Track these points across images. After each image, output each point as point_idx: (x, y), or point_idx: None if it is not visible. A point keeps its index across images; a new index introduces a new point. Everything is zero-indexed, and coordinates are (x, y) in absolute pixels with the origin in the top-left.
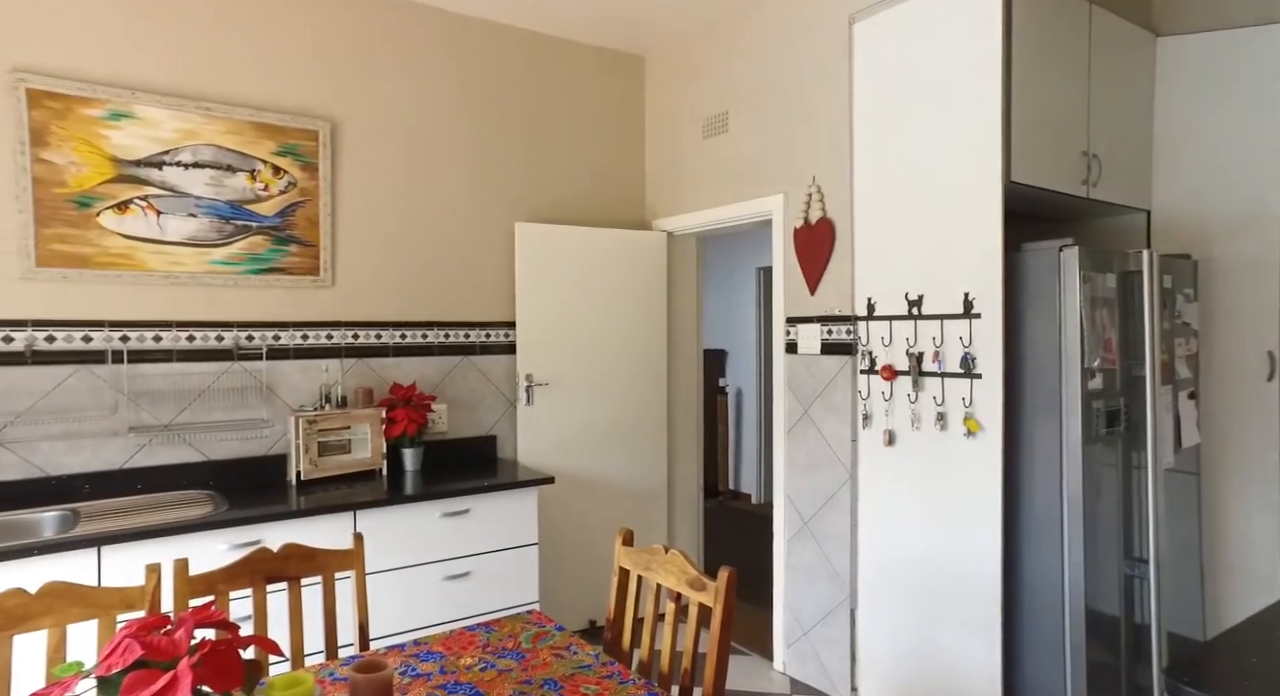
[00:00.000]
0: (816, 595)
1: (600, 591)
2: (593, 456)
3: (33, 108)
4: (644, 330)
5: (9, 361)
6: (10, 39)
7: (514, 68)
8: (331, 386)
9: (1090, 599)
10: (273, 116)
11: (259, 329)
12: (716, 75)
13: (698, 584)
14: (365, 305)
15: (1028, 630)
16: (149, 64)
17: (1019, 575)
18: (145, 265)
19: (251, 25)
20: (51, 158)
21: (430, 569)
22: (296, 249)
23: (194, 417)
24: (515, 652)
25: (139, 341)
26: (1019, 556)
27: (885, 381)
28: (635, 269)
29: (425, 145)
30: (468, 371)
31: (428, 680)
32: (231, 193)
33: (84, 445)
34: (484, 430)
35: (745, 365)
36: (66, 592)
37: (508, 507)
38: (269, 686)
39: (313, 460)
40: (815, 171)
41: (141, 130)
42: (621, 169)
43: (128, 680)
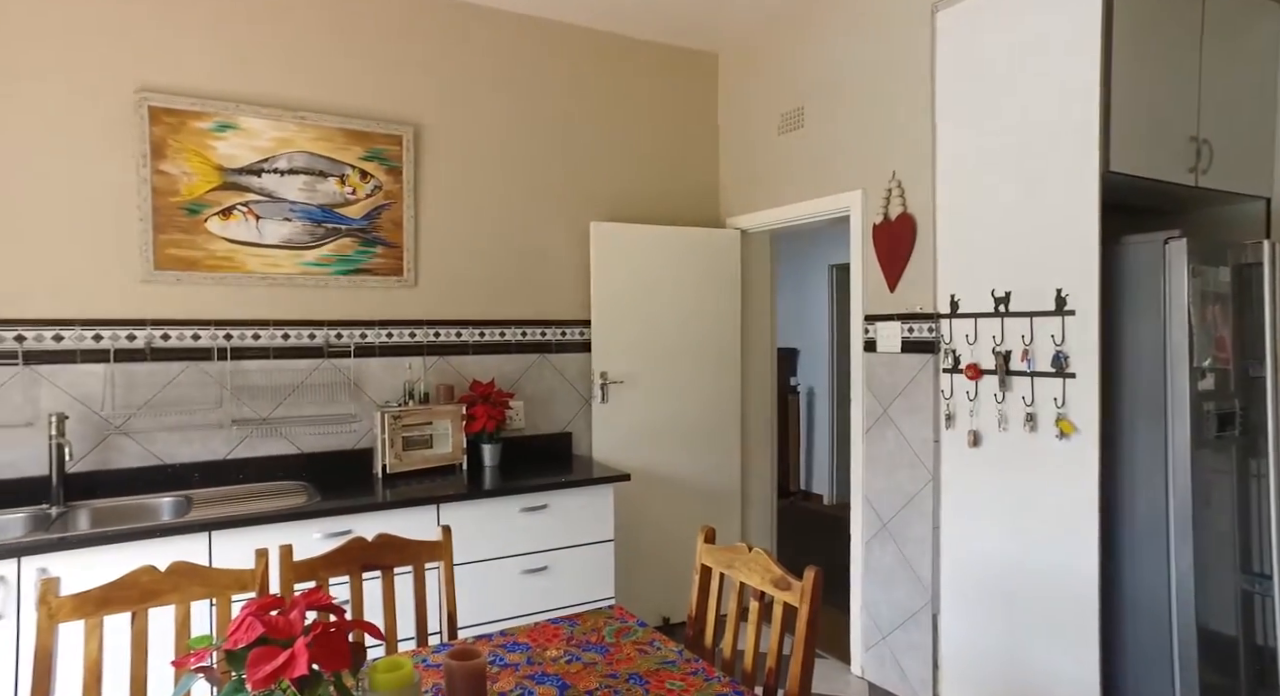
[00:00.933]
0: (896, 598)
1: (674, 588)
2: (667, 454)
3: (153, 124)
4: (718, 328)
5: (132, 358)
6: (136, 62)
7: (588, 69)
8: (414, 383)
9: (1202, 615)
10: (360, 123)
11: (347, 327)
12: (791, 71)
13: (782, 583)
14: (446, 304)
15: (1130, 645)
16: (251, 77)
17: (1118, 586)
18: (246, 267)
19: (341, 36)
20: (168, 168)
21: (509, 562)
22: (382, 250)
23: (289, 412)
24: (599, 646)
25: (240, 339)
26: (1119, 566)
27: (970, 380)
28: (709, 267)
29: (503, 147)
30: (544, 369)
31: (515, 670)
32: (323, 197)
33: (194, 436)
34: (560, 427)
35: (817, 364)
36: (190, 572)
37: (584, 504)
38: (371, 669)
39: (398, 454)
40: (895, 166)
41: (244, 140)
42: (695, 167)
43: (251, 655)
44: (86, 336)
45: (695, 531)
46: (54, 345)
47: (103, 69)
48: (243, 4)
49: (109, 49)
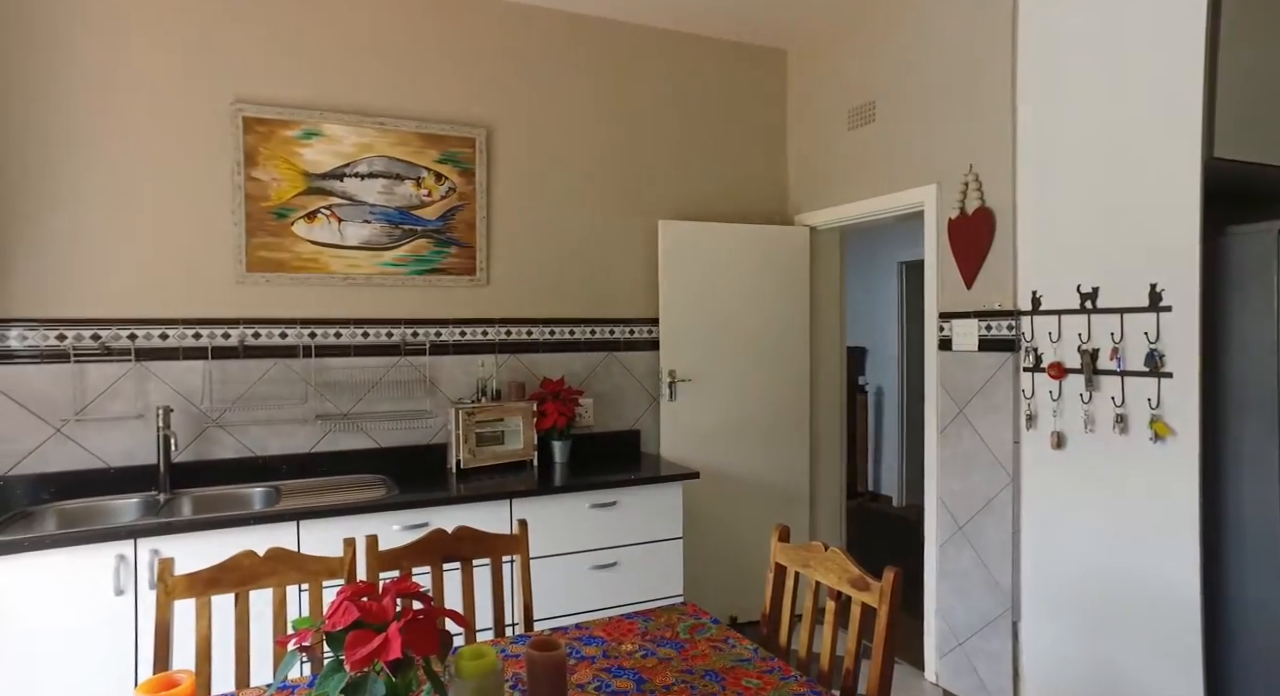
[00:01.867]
0: (973, 604)
1: (741, 588)
2: (734, 453)
3: (247, 133)
4: (786, 327)
5: (226, 355)
6: (232, 75)
7: (656, 67)
8: (487, 380)
9: None
10: (435, 126)
11: (422, 325)
12: (862, 64)
13: (860, 583)
14: (517, 302)
15: (1239, 664)
16: (334, 86)
17: (1225, 600)
18: (328, 268)
19: (418, 43)
20: (259, 175)
21: (579, 557)
22: (456, 250)
23: (368, 408)
24: (673, 642)
25: (323, 337)
26: (1224, 579)
27: (1053, 380)
28: (777, 265)
29: (572, 147)
30: (612, 367)
31: (592, 663)
32: (400, 199)
33: (282, 430)
34: (628, 424)
35: (885, 363)
36: (286, 558)
37: (653, 501)
38: (457, 656)
39: (471, 450)
40: (972, 159)
41: (327, 146)
42: (763, 164)
43: (349, 637)
44: (188, 334)
45: (763, 531)
46: (160, 343)
47: (203, 83)
48: (327, 17)
49: (209, 64)
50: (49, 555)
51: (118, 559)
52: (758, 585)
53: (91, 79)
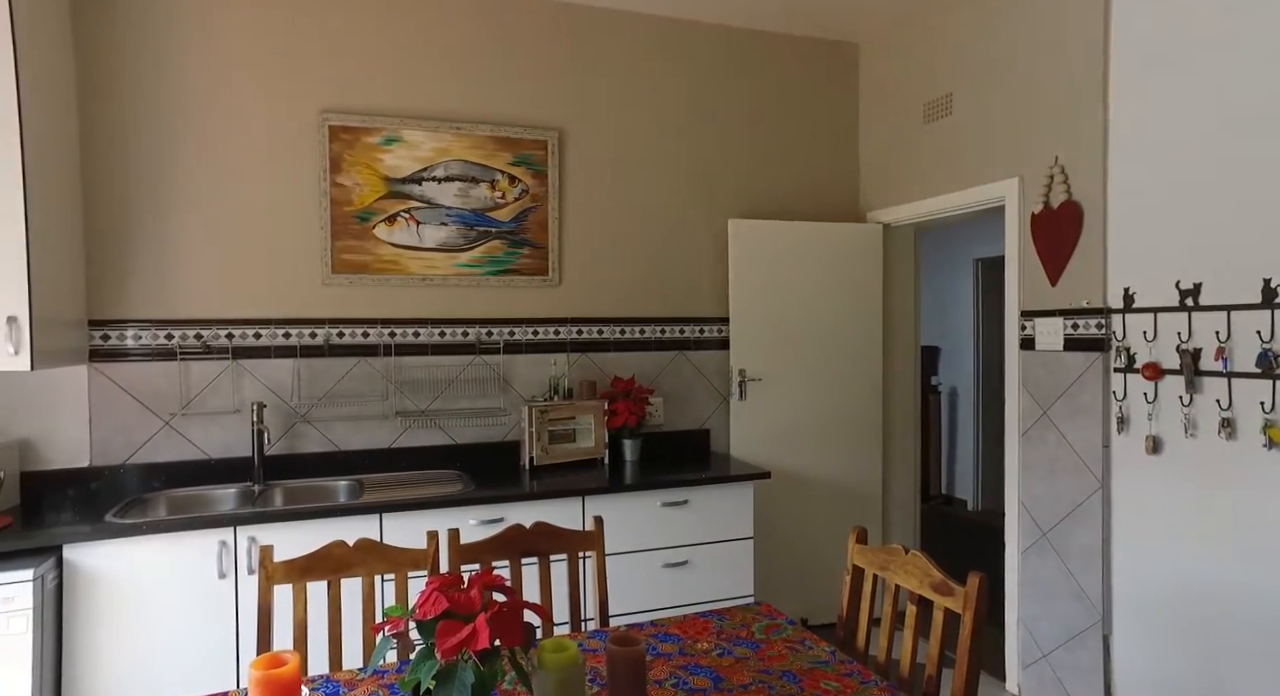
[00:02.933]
0: (1058, 615)
1: (812, 589)
2: (805, 453)
3: (332, 141)
4: (859, 326)
5: (313, 353)
6: (319, 86)
7: (725, 65)
8: (559, 379)
9: None
10: (509, 130)
11: (496, 325)
12: (938, 56)
13: (943, 588)
14: (588, 302)
15: None
16: (413, 93)
17: None
18: (407, 269)
19: (492, 48)
20: (343, 181)
21: (651, 555)
22: (529, 251)
23: (444, 405)
24: (749, 642)
25: (402, 337)
26: None
27: (1148, 381)
28: (849, 263)
29: (641, 147)
30: (682, 366)
31: (669, 660)
32: (475, 202)
33: (364, 425)
34: (698, 423)
35: (960, 363)
36: (374, 549)
37: (724, 500)
38: (540, 648)
39: (544, 447)
40: (1058, 150)
41: (406, 151)
42: (834, 161)
43: (439, 627)
44: (278, 334)
45: (834, 533)
46: (254, 342)
47: (293, 95)
48: (406, 27)
49: (299, 77)
50: (163, 538)
51: (220, 545)
52: (828, 587)
53: (194, 97)
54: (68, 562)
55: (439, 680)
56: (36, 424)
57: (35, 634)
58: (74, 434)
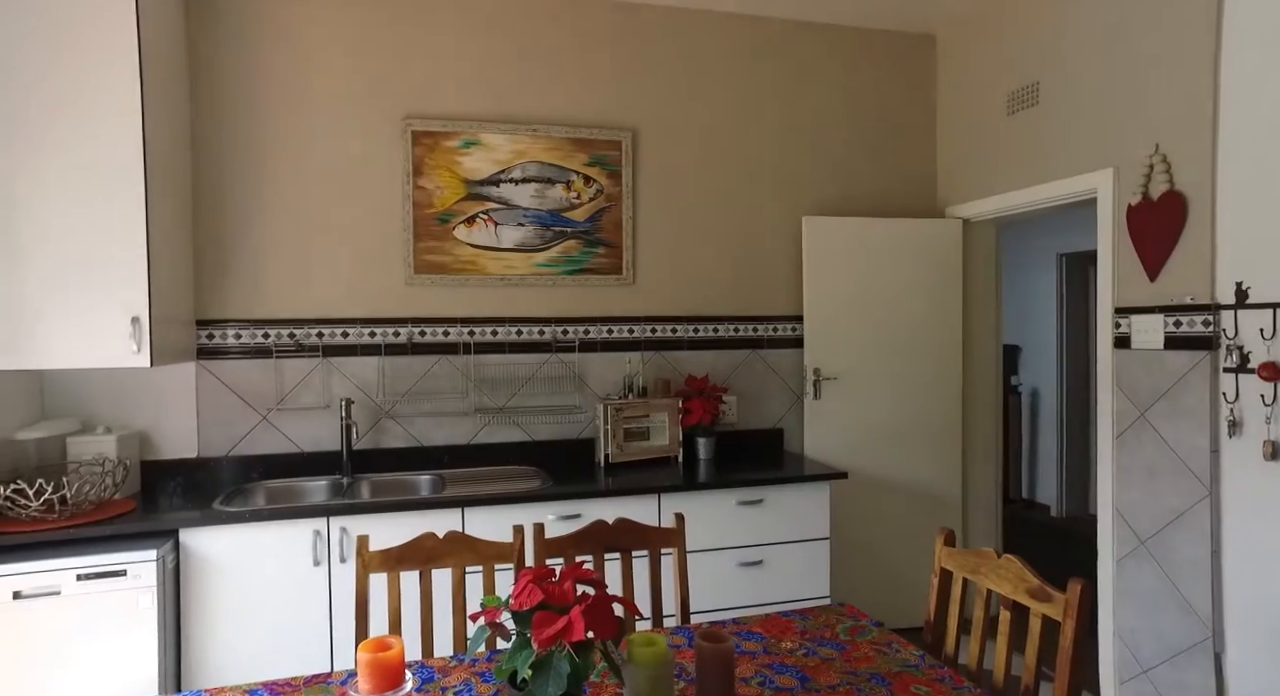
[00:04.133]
0: (1160, 629)
1: (890, 592)
2: (882, 454)
3: (414, 146)
4: (938, 324)
5: (397, 351)
6: (402, 93)
7: (799, 62)
8: (633, 377)
9: None
10: (584, 131)
11: (572, 324)
12: (1023, 44)
13: (1041, 594)
14: (662, 301)
15: None
16: (491, 97)
17: None
18: (486, 270)
19: (567, 51)
20: (424, 184)
21: (726, 554)
22: (603, 250)
23: (521, 402)
24: (834, 643)
25: (481, 335)
26: None
27: (1265, 382)
28: (927, 260)
29: (714, 145)
30: (755, 364)
31: (753, 658)
32: (551, 202)
33: (444, 422)
34: (771, 422)
35: (1041, 362)
36: (462, 541)
37: (800, 500)
38: (630, 642)
39: (619, 445)
40: (1158, 138)
41: (485, 154)
42: (911, 156)
43: (536, 617)
44: (364, 333)
45: (912, 536)
46: (342, 340)
47: (378, 102)
48: (484, 33)
49: (383, 84)
50: (263, 526)
51: (314, 534)
52: (905, 590)
53: (286, 106)
54: (183, 545)
55: (535, 669)
56: (152, 416)
57: (159, 607)
58: (183, 426)
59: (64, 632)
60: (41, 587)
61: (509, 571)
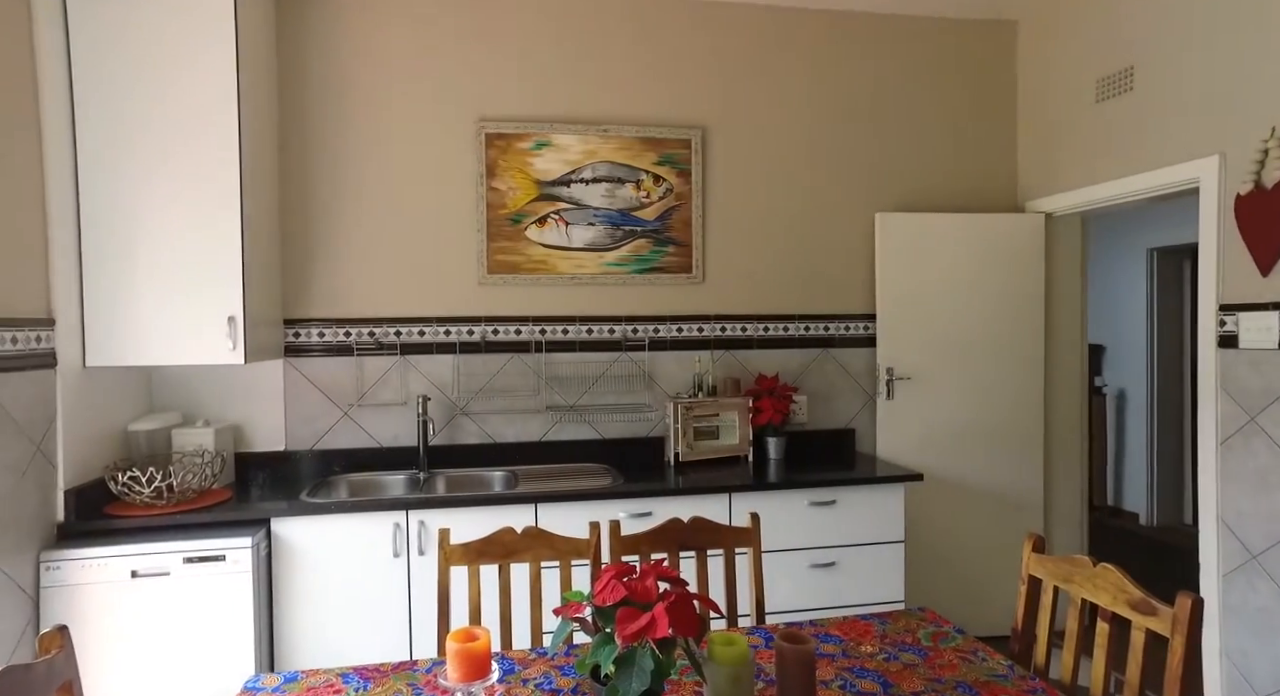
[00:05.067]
0: (1278, 653)
1: (967, 599)
2: (958, 456)
3: (488, 148)
4: (1018, 323)
5: (470, 350)
6: (477, 96)
7: (871, 55)
8: (702, 375)
9: None
10: (654, 130)
11: (642, 323)
12: (1115, 26)
13: (1144, 607)
14: (731, 299)
15: None
16: (562, 99)
17: None
18: (556, 269)
19: (637, 50)
20: (497, 185)
21: (798, 554)
22: (673, 249)
23: (591, 400)
24: (916, 648)
25: (552, 334)
26: None
27: None
28: (1006, 256)
29: (785, 142)
30: (826, 363)
31: (832, 661)
32: (621, 202)
33: (516, 419)
34: (842, 422)
35: (1129, 362)
36: (539, 536)
37: (874, 502)
38: (710, 641)
39: (689, 443)
40: (1275, 121)
41: (556, 155)
42: (990, 149)
43: (619, 613)
44: (440, 331)
45: (990, 541)
46: (418, 339)
47: (453, 106)
48: (554, 35)
49: (458, 88)
50: (347, 518)
51: (394, 526)
52: (983, 598)
53: (365, 110)
54: (275, 534)
55: (619, 665)
56: (244, 411)
57: (254, 590)
58: (272, 421)
59: (172, 610)
60: (154, 568)
61: (584, 567)
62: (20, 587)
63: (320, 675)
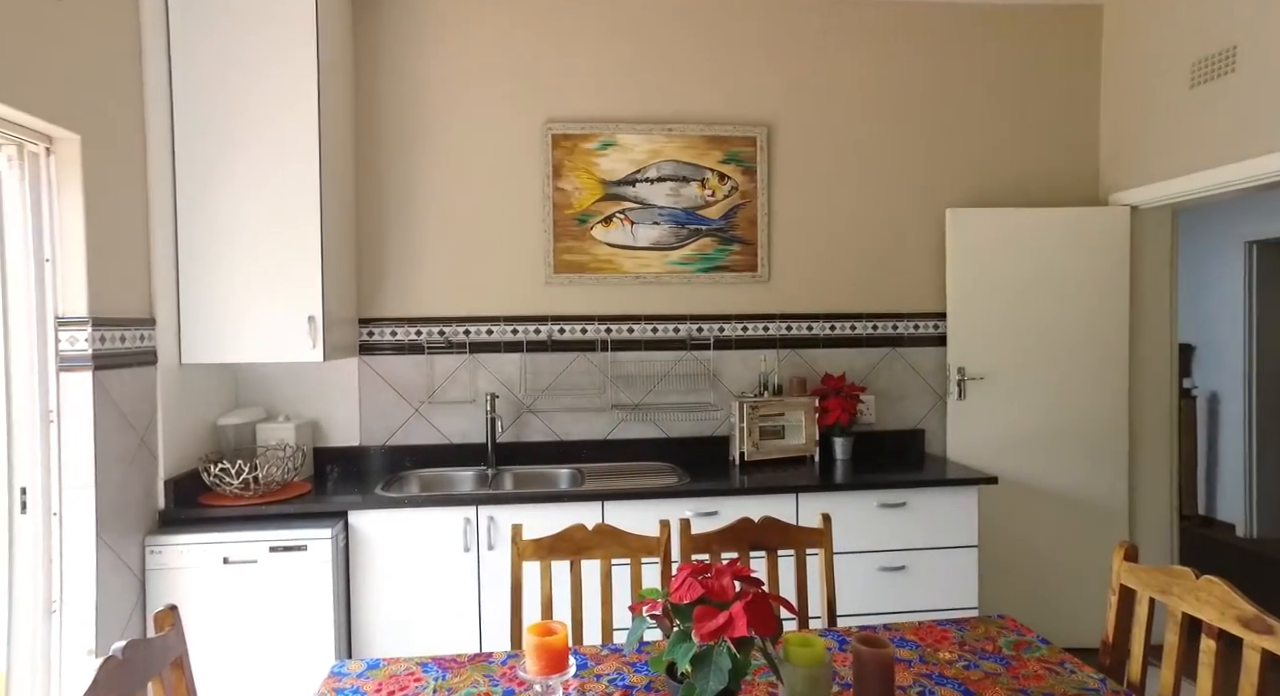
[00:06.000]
0: None
1: (1044, 608)
2: (1035, 460)
3: (554, 149)
4: (1100, 321)
5: (537, 348)
6: (544, 98)
7: (944, 45)
8: (768, 375)
9: None
10: (719, 128)
11: (706, 321)
12: (1215, 4)
13: (1259, 624)
14: (797, 298)
15: None
16: (628, 99)
17: None
18: (622, 268)
19: (702, 49)
20: (563, 185)
21: (866, 557)
22: (738, 247)
23: (656, 399)
24: (997, 657)
25: (617, 333)
26: None
27: None
28: (1087, 251)
29: (851, 137)
30: (894, 363)
31: (909, 667)
32: (686, 201)
33: (582, 417)
34: (911, 423)
35: (1222, 363)
36: (610, 533)
37: (945, 505)
38: (786, 642)
39: (754, 443)
40: None
41: (621, 155)
42: (1070, 140)
43: (697, 611)
44: (507, 330)
45: (1070, 549)
46: (487, 337)
47: (521, 108)
48: (618, 35)
49: (526, 91)
50: (420, 512)
51: (465, 521)
52: (1062, 608)
53: (435, 113)
54: (352, 526)
55: (695, 663)
56: (322, 407)
57: (334, 579)
58: (347, 416)
59: (259, 596)
60: (243, 556)
61: (654, 565)
62: (130, 569)
63: (401, 663)
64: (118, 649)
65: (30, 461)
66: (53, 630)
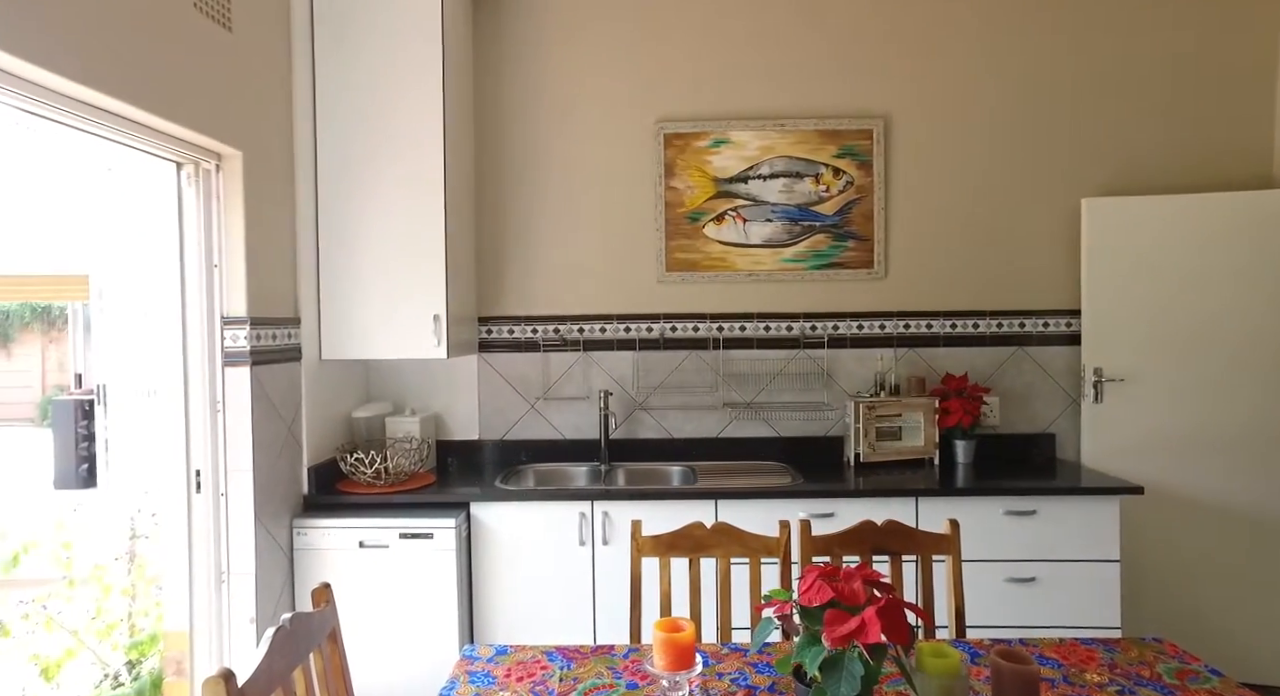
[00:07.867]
0: None
1: (1201, 632)
2: (1186, 468)
3: (666, 148)
4: (1264, 318)
5: (650, 346)
6: (655, 98)
7: (1065, 23)
8: (885, 374)
9: None
10: (833, 122)
11: (820, 319)
12: None
13: None
14: (915, 295)
15: None
16: (740, 95)
17: None
18: (734, 266)
19: (815, 41)
20: (675, 184)
21: (992, 566)
22: (853, 244)
23: (768, 398)
24: (1156, 684)
25: (729, 331)
26: None
27: None
28: (1251, 240)
29: (972, 126)
30: (1021, 363)
31: (1052, 686)
32: (799, 197)
33: (693, 415)
34: (1040, 427)
35: None
36: (729, 532)
37: (1081, 515)
38: (919, 652)
39: (871, 444)
40: None
41: (733, 152)
42: (1233, 116)
43: (828, 615)
44: (620, 328)
45: (1231, 569)
46: (599, 335)
47: (634, 108)
48: (728, 31)
49: (639, 91)
50: (537, 506)
51: (580, 516)
52: (1224, 634)
53: (552, 114)
54: (474, 516)
55: (825, 667)
56: (444, 402)
57: (458, 567)
58: (467, 411)
59: (390, 579)
60: (377, 541)
61: (773, 566)
62: (281, 547)
63: (527, 651)
64: (285, 619)
65: (203, 447)
66: (223, 599)
